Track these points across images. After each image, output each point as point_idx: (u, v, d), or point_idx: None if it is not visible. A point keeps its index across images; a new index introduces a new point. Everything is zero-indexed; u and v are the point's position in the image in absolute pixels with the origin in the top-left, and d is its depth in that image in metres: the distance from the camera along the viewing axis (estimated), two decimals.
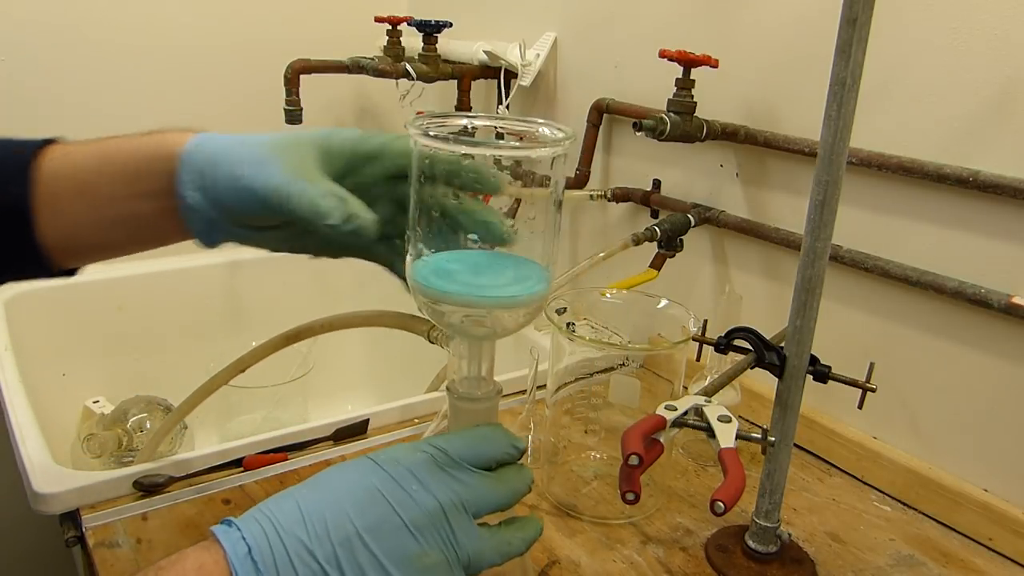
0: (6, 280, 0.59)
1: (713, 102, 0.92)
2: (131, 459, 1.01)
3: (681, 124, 0.88)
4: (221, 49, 1.30)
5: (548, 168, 0.48)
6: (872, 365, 0.67)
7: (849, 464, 0.84)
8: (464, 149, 0.47)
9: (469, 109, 1.32)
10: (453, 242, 0.51)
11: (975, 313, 0.74)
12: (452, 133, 0.50)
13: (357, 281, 1.47)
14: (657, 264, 0.99)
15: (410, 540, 0.42)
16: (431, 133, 0.47)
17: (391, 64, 1.19)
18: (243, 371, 0.86)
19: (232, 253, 1.33)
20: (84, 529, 0.68)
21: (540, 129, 0.51)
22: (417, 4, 1.48)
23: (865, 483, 0.83)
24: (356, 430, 0.84)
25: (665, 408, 0.63)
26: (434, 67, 1.23)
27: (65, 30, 1.16)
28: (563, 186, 0.50)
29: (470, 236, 0.51)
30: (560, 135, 0.50)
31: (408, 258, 0.51)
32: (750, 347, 0.66)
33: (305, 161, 0.51)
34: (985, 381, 0.75)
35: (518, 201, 0.51)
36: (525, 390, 0.90)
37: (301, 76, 1.16)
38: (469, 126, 0.52)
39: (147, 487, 0.73)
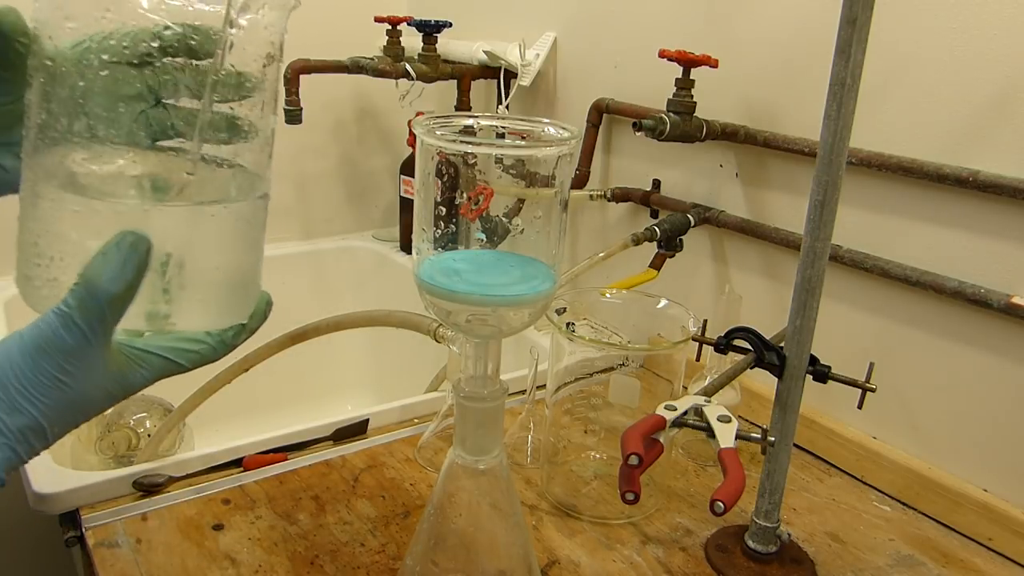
0: None
1: (713, 102, 0.92)
2: (131, 459, 1.01)
3: (681, 124, 0.88)
4: None
5: (553, 167, 0.48)
6: (872, 365, 0.67)
7: (849, 464, 0.84)
8: (470, 148, 0.47)
9: (469, 109, 1.32)
10: (460, 242, 0.51)
11: (975, 313, 0.74)
12: (456, 132, 0.50)
13: (357, 281, 1.47)
14: (657, 264, 0.99)
15: None
16: (437, 132, 0.47)
17: (391, 64, 1.19)
18: (246, 370, 0.86)
19: None
20: (84, 529, 0.68)
21: (546, 128, 0.51)
22: (417, 4, 1.48)
23: (865, 483, 0.83)
24: (356, 430, 0.85)
25: (665, 408, 0.63)
26: (434, 67, 1.23)
27: None
28: (569, 186, 0.50)
29: (476, 236, 0.51)
30: (565, 134, 0.50)
31: (415, 258, 0.51)
32: (750, 347, 0.66)
33: None
34: (985, 381, 0.75)
35: (521, 200, 0.51)
36: (525, 390, 0.90)
37: (301, 76, 1.16)
38: (475, 125, 0.52)
39: (147, 487, 0.73)
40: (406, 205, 1.44)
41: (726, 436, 0.61)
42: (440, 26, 1.21)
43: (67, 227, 0.44)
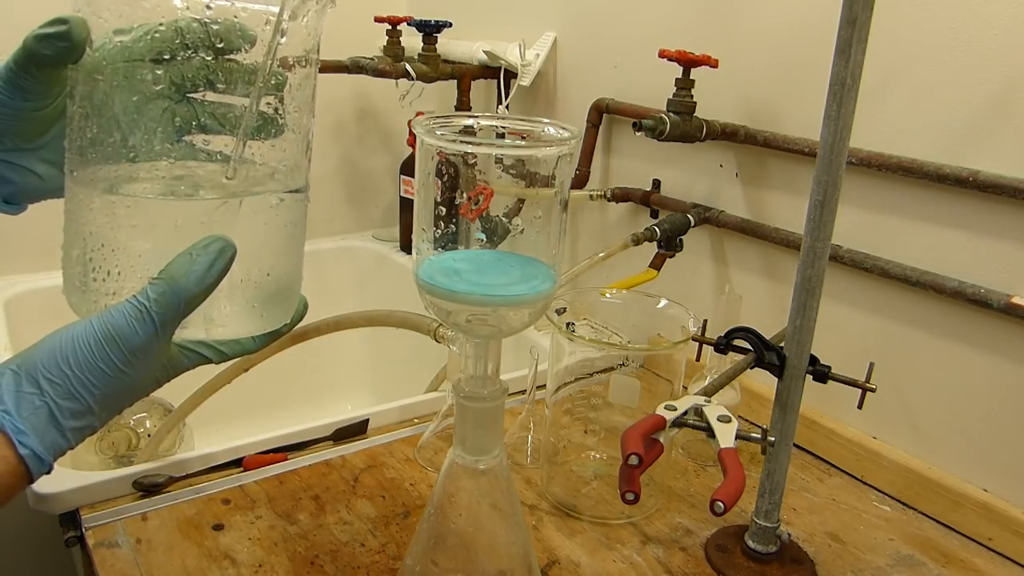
0: None
1: (713, 102, 0.92)
2: (131, 459, 1.00)
3: (681, 124, 0.88)
4: None
5: (553, 167, 0.48)
6: (872, 365, 0.67)
7: (849, 464, 0.84)
8: (470, 148, 0.48)
9: (469, 109, 1.32)
10: (460, 242, 0.51)
11: (975, 313, 0.74)
12: (457, 132, 0.51)
13: (357, 281, 1.47)
14: (657, 264, 0.99)
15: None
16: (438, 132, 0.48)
17: (391, 64, 1.19)
18: (246, 370, 0.86)
19: None
20: (84, 529, 0.68)
21: (546, 128, 0.51)
22: (417, 4, 1.48)
23: (865, 483, 0.83)
24: (356, 430, 0.85)
25: (665, 408, 0.63)
26: (434, 67, 1.23)
27: None
28: (569, 186, 0.50)
29: (476, 236, 0.51)
30: (565, 134, 0.50)
31: (415, 258, 0.51)
32: (750, 347, 0.66)
33: None
34: (985, 381, 0.75)
35: (521, 200, 0.51)
36: (525, 390, 0.90)
37: None
38: (475, 125, 0.52)
39: (147, 487, 0.73)
40: (406, 205, 1.44)
41: (726, 436, 0.61)
42: (440, 26, 1.21)
43: (125, 242, 0.44)
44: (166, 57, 0.44)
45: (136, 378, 0.43)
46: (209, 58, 0.46)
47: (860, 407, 0.66)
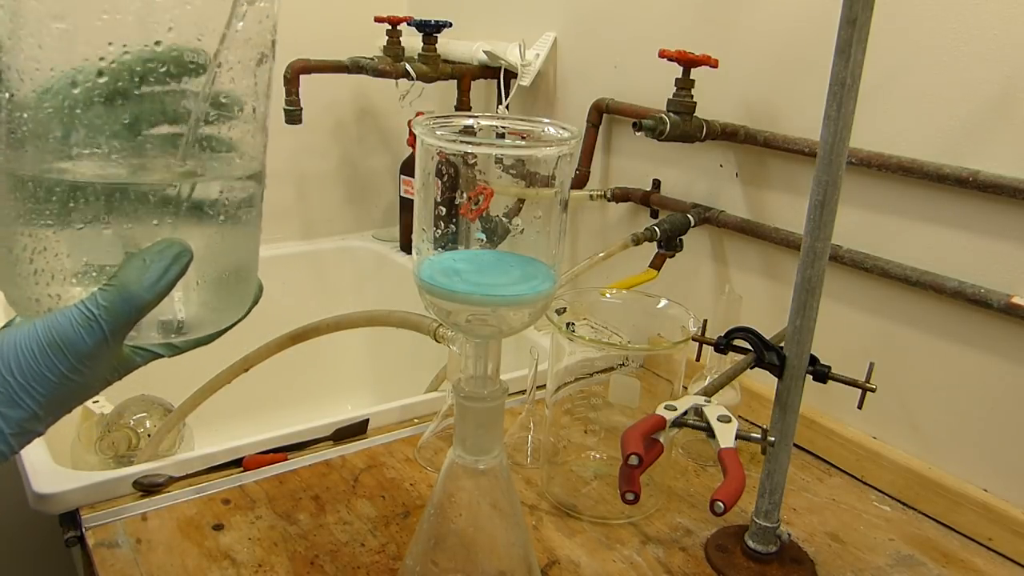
0: None
1: (713, 102, 0.92)
2: (131, 459, 1.00)
3: (681, 124, 0.88)
4: None
5: (553, 167, 0.48)
6: (872, 365, 0.67)
7: (849, 464, 0.84)
8: (470, 148, 0.48)
9: (469, 109, 1.32)
10: (460, 242, 0.51)
11: (975, 313, 0.74)
12: (457, 132, 0.50)
13: (357, 281, 1.47)
14: (657, 264, 0.99)
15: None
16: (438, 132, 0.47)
17: (391, 64, 1.19)
18: (246, 370, 0.86)
19: None
20: (84, 529, 0.68)
21: (546, 128, 0.51)
22: (417, 4, 1.48)
23: (865, 483, 0.83)
24: (356, 430, 0.85)
25: (665, 408, 0.63)
26: (434, 67, 1.23)
27: None
28: (569, 186, 0.50)
29: (476, 236, 0.51)
30: (565, 134, 0.50)
31: (415, 258, 0.51)
32: (750, 347, 0.66)
33: None
34: (985, 381, 0.75)
35: (521, 200, 0.51)
36: (525, 390, 0.90)
37: (301, 76, 1.16)
38: (475, 125, 0.52)
39: (147, 487, 0.73)
40: (406, 205, 1.44)
41: (726, 436, 0.61)
42: (440, 26, 1.21)
43: (68, 241, 0.41)
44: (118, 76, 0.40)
45: (83, 382, 0.41)
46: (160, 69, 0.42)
47: (860, 407, 0.66)
